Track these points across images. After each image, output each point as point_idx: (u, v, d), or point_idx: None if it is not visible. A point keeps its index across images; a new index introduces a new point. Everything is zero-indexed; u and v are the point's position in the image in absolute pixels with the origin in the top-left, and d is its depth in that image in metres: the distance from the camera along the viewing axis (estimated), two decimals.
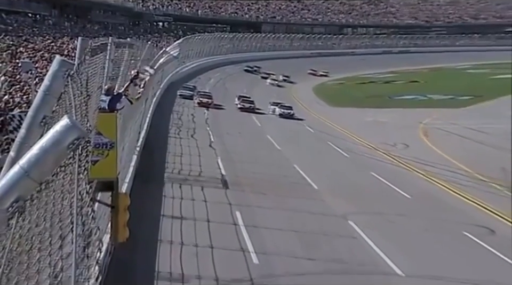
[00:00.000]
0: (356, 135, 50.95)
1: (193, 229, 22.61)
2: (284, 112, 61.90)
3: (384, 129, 54.21)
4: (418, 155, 42.81)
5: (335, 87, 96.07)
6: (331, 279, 19.16)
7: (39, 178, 2.95)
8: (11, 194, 2.85)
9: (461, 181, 35.03)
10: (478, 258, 22.60)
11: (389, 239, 23.54)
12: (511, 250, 23.14)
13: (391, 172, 37.32)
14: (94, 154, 11.95)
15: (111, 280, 15.07)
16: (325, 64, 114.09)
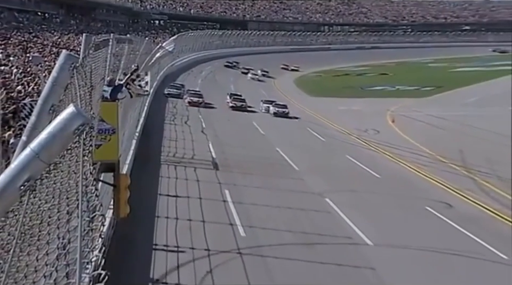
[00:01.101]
0: (332, 121, 50.95)
1: (187, 206, 22.61)
2: (278, 110, 54.53)
3: (357, 116, 54.20)
4: (387, 139, 42.91)
5: (314, 79, 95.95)
6: (309, 249, 19.24)
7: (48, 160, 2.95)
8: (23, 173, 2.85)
9: (423, 162, 35.17)
10: (438, 229, 22.76)
11: (360, 213, 23.63)
12: (466, 221, 23.35)
13: (363, 154, 37.41)
14: (97, 139, 11.92)
15: (113, 251, 15.08)
16: (304, 59, 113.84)
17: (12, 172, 2.88)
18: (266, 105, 56.61)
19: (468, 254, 19.83)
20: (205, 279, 15.99)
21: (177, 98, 56.14)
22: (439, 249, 20.12)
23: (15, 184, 2.77)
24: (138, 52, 30.77)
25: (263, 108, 56.55)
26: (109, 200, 14.48)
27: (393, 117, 54.01)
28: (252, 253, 18.24)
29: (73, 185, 3.78)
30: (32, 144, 2.92)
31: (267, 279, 16.35)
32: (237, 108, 55.39)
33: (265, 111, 55.39)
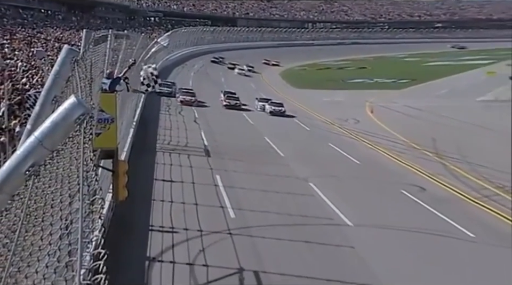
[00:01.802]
0: (316, 112, 51.00)
1: (180, 190, 22.61)
2: (274, 109, 49.15)
3: (338, 107, 54.25)
4: (366, 128, 43.02)
5: (298, 72, 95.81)
6: (294, 229, 19.30)
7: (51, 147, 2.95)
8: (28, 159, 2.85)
9: (399, 149, 35.31)
10: (412, 211, 22.88)
11: (341, 197, 23.72)
12: (437, 203, 23.49)
13: (344, 142, 37.49)
14: (97, 127, 11.90)
15: (112, 231, 15.07)
16: (289, 53, 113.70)
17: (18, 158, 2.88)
18: (261, 103, 51.63)
19: (439, 233, 19.98)
20: (198, 257, 16.02)
21: (168, 97, 51.44)
22: (413, 229, 20.27)
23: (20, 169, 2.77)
24: (135, 47, 30.63)
25: (258, 106, 51.61)
26: (108, 184, 14.46)
27: (371, 107, 54.11)
28: (241, 233, 18.28)
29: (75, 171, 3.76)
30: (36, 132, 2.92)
31: (255, 257, 16.40)
32: (230, 106, 50.59)
33: (261, 110, 50.46)
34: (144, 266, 15.19)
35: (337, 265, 16.48)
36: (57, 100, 6.00)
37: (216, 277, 14.83)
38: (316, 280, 15.10)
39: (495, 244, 19.32)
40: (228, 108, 49.91)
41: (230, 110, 49.23)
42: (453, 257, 18.00)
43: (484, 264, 17.61)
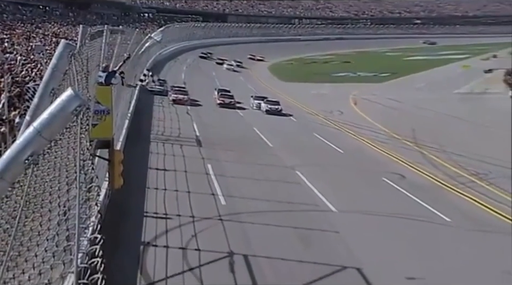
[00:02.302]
0: (302, 104, 51.04)
1: (174, 178, 22.60)
2: (271, 108, 45.00)
3: (324, 99, 54.33)
4: (349, 119, 43.14)
5: (286, 66, 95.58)
6: (282, 215, 19.35)
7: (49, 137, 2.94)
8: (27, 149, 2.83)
9: (381, 139, 35.46)
10: (393, 197, 23.01)
11: (326, 184, 23.79)
12: (416, 190, 23.64)
13: (329, 133, 37.58)
14: (94, 119, 11.86)
15: (108, 217, 15.05)
16: (277, 49, 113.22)
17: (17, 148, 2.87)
18: (257, 101, 47.50)
19: (418, 218, 20.11)
20: (190, 242, 16.04)
21: (161, 95, 46.78)
22: (393, 214, 20.39)
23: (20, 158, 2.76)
24: (129, 42, 30.46)
25: (254, 104, 47.48)
26: (104, 173, 14.42)
27: (355, 99, 54.20)
28: (232, 219, 18.31)
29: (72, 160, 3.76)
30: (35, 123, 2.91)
31: (245, 242, 16.44)
32: (225, 104, 46.21)
33: (257, 108, 46.47)
34: (139, 250, 15.18)
35: (322, 249, 16.56)
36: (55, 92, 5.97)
37: (208, 260, 14.86)
38: (302, 264, 15.17)
39: (469, 228, 19.51)
40: (222, 106, 45.98)
41: None
42: (430, 240, 18.15)
43: (459, 246, 17.79)
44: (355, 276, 14.64)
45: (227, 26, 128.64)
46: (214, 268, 14.54)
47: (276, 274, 14.38)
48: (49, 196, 3.65)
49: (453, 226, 19.73)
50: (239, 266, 14.66)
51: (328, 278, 14.45)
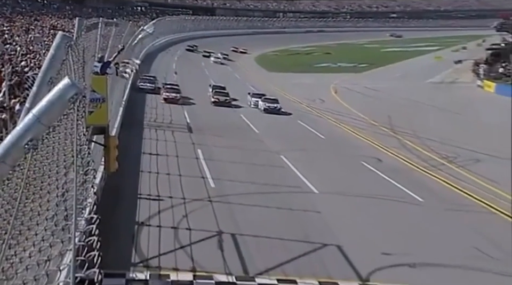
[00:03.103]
0: (286, 92, 51.00)
1: (166, 162, 22.57)
2: (269, 106, 39.42)
3: (306, 88, 54.32)
4: (330, 107, 43.23)
5: (271, 57, 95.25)
6: (267, 197, 19.43)
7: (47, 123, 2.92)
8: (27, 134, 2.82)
9: (360, 126, 35.60)
10: (370, 179, 23.16)
11: (308, 168, 23.88)
12: (392, 172, 23.81)
13: (312, 119, 37.62)
14: (90, 106, 11.79)
15: (104, 199, 15.02)
16: (263, 40, 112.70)
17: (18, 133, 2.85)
18: (255, 99, 41.83)
19: (393, 198, 20.29)
20: (182, 222, 16.07)
21: (152, 93, 40.74)
22: (371, 195, 20.54)
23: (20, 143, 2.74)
24: (123, 34, 30.23)
25: (252, 102, 41.97)
26: (100, 158, 14.37)
27: (335, 88, 54.28)
28: (220, 201, 18.35)
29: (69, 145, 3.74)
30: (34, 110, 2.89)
31: (232, 221, 16.49)
32: (219, 103, 40.28)
33: (254, 106, 41.01)
34: (134, 230, 15.19)
35: (304, 228, 16.65)
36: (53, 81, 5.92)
37: (198, 239, 14.91)
38: (285, 241, 15.26)
39: (440, 207, 19.72)
40: (217, 104, 40.14)
41: None
42: (404, 219, 18.34)
43: (431, 224, 17.98)
44: (335, 253, 14.77)
45: (215, 20, 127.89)
46: (203, 246, 14.59)
47: (261, 251, 14.46)
48: (48, 178, 3.64)
49: (425, 205, 19.94)
50: (227, 244, 14.72)
51: (310, 255, 14.57)
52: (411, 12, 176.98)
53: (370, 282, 13.15)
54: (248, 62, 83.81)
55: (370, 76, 69.32)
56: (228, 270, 13.16)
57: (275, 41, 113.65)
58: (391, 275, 13.71)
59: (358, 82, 59.50)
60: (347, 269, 13.82)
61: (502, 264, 14.77)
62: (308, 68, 76.45)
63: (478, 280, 13.73)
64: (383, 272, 13.75)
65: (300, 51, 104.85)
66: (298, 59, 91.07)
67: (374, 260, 14.36)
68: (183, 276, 12.63)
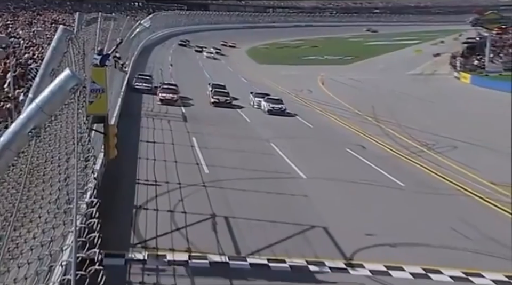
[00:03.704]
0: (276, 83, 50.87)
1: (162, 150, 22.53)
2: (273, 107, 34.84)
3: (295, 79, 54.19)
4: (317, 97, 43.23)
5: (262, 50, 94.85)
6: (258, 182, 19.47)
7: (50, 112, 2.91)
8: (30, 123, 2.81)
9: (345, 115, 35.65)
10: (355, 165, 23.24)
11: (296, 154, 23.90)
12: (375, 159, 23.91)
13: (299, 109, 37.56)
14: (90, 96, 11.72)
15: (104, 184, 14.99)
16: (254, 34, 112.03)
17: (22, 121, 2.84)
18: (258, 99, 37.07)
19: (376, 183, 20.38)
20: (177, 205, 16.09)
21: (148, 94, 35.72)
22: (355, 180, 20.62)
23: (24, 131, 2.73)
24: (121, 28, 30.01)
25: (255, 102, 37.20)
26: (100, 145, 14.32)
27: (322, 80, 54.22)
28: (214, 186, 18.36)
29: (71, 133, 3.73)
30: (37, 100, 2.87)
31: (225, 205, 16.53)
32: (219, 103, 35.36)
33: (257, 107, 36.38)
34: (132, 213, 15.20)
35: (293, 211, 16.72)
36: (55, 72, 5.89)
37: (193, 221, 14.94)
38: (275, 224, 15.32)
39: (420, 191, 19.84)
40: (217, 105, 35.35)
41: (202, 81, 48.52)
42: (386, 202, 18.44)
43: (412, 207, 18.11)
44: (322, 234, 14.85)
45: (209, 15, 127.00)
46: (198, 228, 14.63)
47: (252, 233, 14.51)
48: (51, 164, 3.63)
49: (405, 189, 20.06)
50: (220, 226, 14.76)
51: (298, 236, 14.64)
52: (393, 7, 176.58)
53: (355, 261, 13.25)
54: (240, 55, 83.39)
55: (355, 68, 69.29)
56: (221, 250, 13.21)
57: (265, 35, 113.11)
58: (373, 254, 13.82)
59: (343, 74, 59.43)
60: (333, 249, 13.90)
61: (477, 244, 14.93)
62: (296, 60, 76.24)
63: (455, 259, 13.87)
64: (366, 252, 13.86)
65: (289, 44, 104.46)
66: (287, 52, 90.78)
67: (358, 240, 14.46)
68: (179, 256, 12.67)
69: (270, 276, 12.19)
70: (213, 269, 12.32)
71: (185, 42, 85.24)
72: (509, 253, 14.29)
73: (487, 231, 15.86)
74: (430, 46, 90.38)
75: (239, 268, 12.46)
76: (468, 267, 13.30)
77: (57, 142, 3.74)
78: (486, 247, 14.70)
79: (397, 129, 31.14)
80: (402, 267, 13.01)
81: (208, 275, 12.00)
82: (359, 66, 71.59)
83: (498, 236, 15.50)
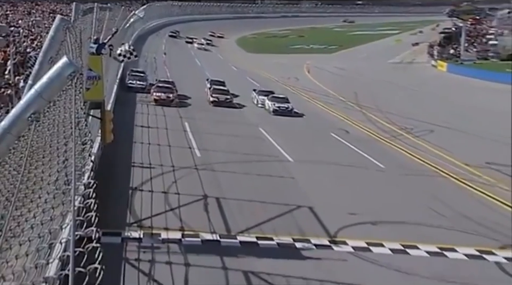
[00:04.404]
0: (264, 71, 50.68)
1: (156, 134, 22.46)
2: (279, 107, 30.06)
3: (282, 68, 53.99)
4: (304, 84, 43.19)
5: (251, 39, 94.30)
6: (247, 165, 19.50)
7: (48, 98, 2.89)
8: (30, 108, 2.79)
9: (329, 101, 35.69)
10: (339, 149, 23.33)
11: (284, 139, 23.90)
12: (358, 143, 24.01)
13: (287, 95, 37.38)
14: (87, 83, 11.63)
15: (102, 166, 14.93)
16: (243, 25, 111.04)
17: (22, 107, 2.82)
18: (261, 97, 32.25)
19: (359, 165, 20.51)
20: (171, 187, 16.09)
21: (142, 93, 31.22)
22: (339, 163, 20.72)
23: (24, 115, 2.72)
24: (116, 18, 29.63)
25: (258, 100, 32.35)
26: (97, 130, 14.23)
27: (308, 68, 54.15)
28: (206, 168, 18.37)
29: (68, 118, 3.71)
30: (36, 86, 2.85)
31: (216, 187, 16.56)
32: (219, 102, 30.74)
33: (261, 106, 31.60)
34: (128, 194, 15.18)
35: (281, 192, 16.78)
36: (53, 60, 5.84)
37: (186, 202, 14.96)
38: (264, 204, 15.38)
39: (399, 173, 20.00)
40: (216, 105, 30.80)
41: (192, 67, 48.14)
42: (368, 183, 18.56)
43: (391, 188, 18.26)
44: (307, 214, 14.94)
45: (200, 5, 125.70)
46: (191, 208, 14.66)
47: (242, 213, 14.57)
48: (50, 148, 3.61)
49: (387, 171, 20.20)
50: (212, 207, 14.80)
51: (285, 215, 14.72)
52: None
53: (338, 238, 13.37)
54: (230, 45, 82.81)
55: (339, 56, 69.25)
56: (212, 229, 13.27)
57: (254, 25, 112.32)
58: (356, 231, 13.95)
59: (328, 63, 59.39)
60: (317, 228, 14.01)
61: (451, 221, 15.13)
62: (284, 49, 75.92)
63: (431, 235, 14.05)
64: (349, 230, 13.98)
65: (277, 34, 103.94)
66: (274, 41, 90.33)
67: (341, 219, 14.57)
68: (172, 234, 12.72)
69: (259, 253, 12.27)
70: (205, 247, 12.38)
71: (175, 34, 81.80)
72: (480, 229, 14.53)
73: (461, 210, 16.08)
74: (409, 36, 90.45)
75: (230, 246, 12.53)
76: (443, 242, 13.48)
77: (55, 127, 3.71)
78: (459, 224, 14.91)
79: (378, 115, 31.26)
80: (383, 243, 13.16)
81: (200, 252, 12.05)
82: (343, 55, 71.53)
83: (471, 214, 15.73)
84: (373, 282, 11.19)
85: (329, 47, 79.90)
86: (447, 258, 12.79)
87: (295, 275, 11.17)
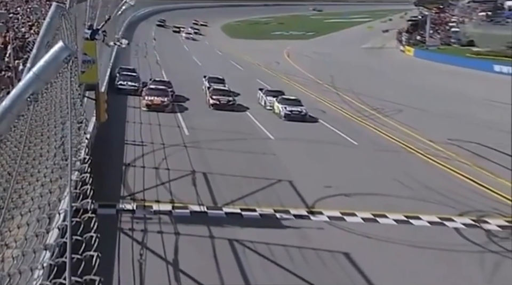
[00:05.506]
0: (247, 56, 50.36)
1: (147, 114, 22.30)
2: (292, 111, 23.98)
3: (264, 53, 53.71)
4: (285, 68, 43.06)
5: (234, 26, 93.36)
6: (232, 142, 19.52)
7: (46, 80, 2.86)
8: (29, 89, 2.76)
9: (308, 83, 35.69)
10: (316, 128, 23.44)
11: (266, 120, 23.88)
12: (333, 122, 24.11)
13: (268, 79, 37.26)
14: (82, 67, 11.47)
15: (97, 144, 14.83)
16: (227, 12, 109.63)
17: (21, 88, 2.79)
18: (269, 98, 26.18)
19: (334, 143, 20.67)
20: (162, 163, 16.06)
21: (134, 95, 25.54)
22: (316, 140, 20.85)
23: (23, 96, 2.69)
24: (109, 5, 29.02)
25: (266, 102, 26.32)
26: (92, 110, 14.09)
27: (288, 53, 53.94)
28: (194, 146, 18.35)
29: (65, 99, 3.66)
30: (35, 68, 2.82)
31: (204, 163, 16.58)
32: (220, 106, 24.89)
33: (269, 108, 25.68)
34: (122, 169, 15.13)
35: (263, 167, 16.85)
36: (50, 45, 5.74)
37: (175, 177, 14.97)
38: (247, 178, 15.46)
39: (371, 149, 20.21)
40: (217, 108, 24.97)
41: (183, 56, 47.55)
42: (342, 158, 18.74)
43: (364, 163, 18.44)
44: (287, 187, 15.06)
45: None
46: (180, 182, 14.68)
47: (228, 186, 14.63)
48: (47, 126, 3.58)
49: (359, 148, 20.39)
50: (199, 181, 14.83)
51: (267, 189, 14.82)
52: None
53: (315, 209, 13.54)
54: (215, 31, 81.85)
55: (316, 42, 69.10)
56: (200, 201, 13.33)
57: (238, 13, 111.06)
58: (331, 203, 14.12)
59: (306, 48, 59.24)
60: (296, 199, 14.15)
61: (416, 192, 15.41)
62: (266, 35, 75.42)
63: (398, 205, 14.31)
64: (325, 201, 14.15)
65: (259, 21, 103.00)
66: (257, 28, 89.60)
67: (318, 191, 14.73)
68: (163, 206, 12.75)
69: (243, 223, 12.38)
70: (193, 218, 12.45)
71: (162, 23, 77.58)
72: (441, 199, 14.84)
73: (425, 182, 16.35)
74: (380, 23, 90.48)
75: (216, 217, 12.61)
76: (408, 211, 13.74)
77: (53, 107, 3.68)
78: (423, 195, 15.19)
79: (352, 96, 31.40)
80: (355, 213, 13.36)
81: (189, 222, 12.13)
82: (319, 41, 71.40)
83: (433, 185, 16.02)
84: (347, 248, 11.39)
85: (307, 34, 79.57)
86: (412, 225, 13.06)
87: (276, 243, 11.32)
